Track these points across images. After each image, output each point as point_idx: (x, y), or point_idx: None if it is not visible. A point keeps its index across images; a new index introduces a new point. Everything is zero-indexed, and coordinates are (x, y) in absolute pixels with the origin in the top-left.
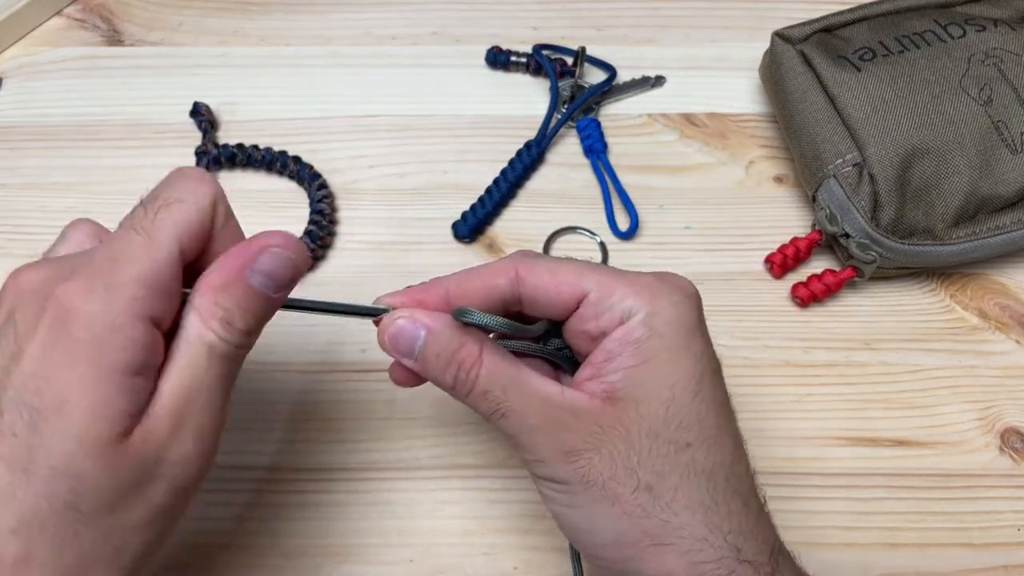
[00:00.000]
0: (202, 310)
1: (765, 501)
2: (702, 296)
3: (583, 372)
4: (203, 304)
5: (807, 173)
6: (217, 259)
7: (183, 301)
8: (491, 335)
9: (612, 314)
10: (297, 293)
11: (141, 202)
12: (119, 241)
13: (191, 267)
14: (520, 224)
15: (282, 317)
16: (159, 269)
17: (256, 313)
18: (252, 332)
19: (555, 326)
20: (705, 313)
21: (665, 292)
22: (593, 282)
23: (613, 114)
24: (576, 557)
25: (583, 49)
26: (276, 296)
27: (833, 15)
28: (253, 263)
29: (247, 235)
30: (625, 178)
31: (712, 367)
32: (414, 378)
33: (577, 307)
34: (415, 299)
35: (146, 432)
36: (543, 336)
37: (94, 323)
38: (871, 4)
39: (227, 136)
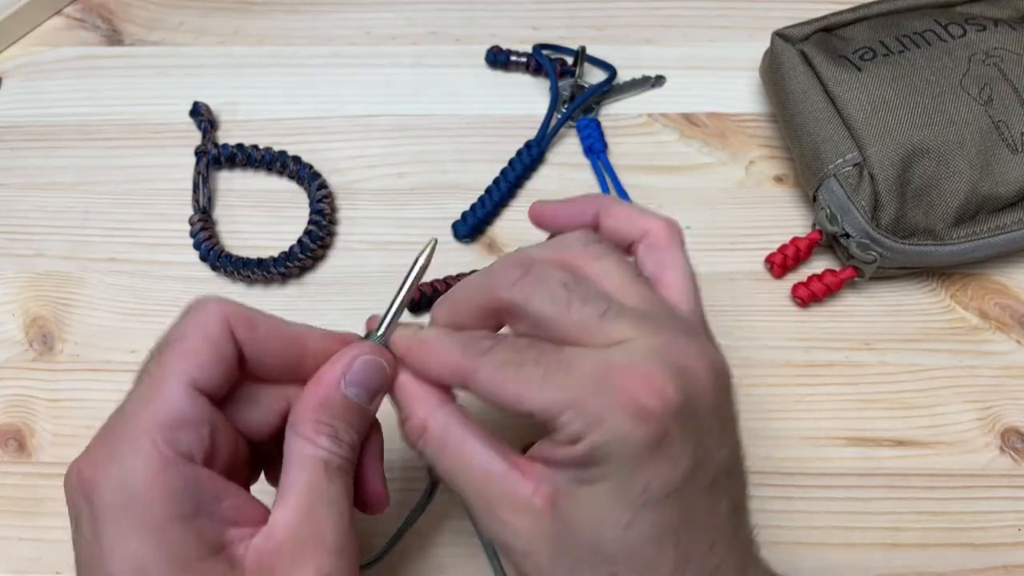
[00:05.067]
0: (306, 432)
1: (740, 565)
2: (703, 296)
3: (539, 450)
4: (306, 426)
5: (807, 173)
6: (307, 384)
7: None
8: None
9: (559, 435)
10: (297, 291)
11: (150, 350)
12: (131, 394)
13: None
14: (520, 224)
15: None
16: (171, 409)
17: (356, 425)
18: (355, 446)
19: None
20: (706, 313)
21: (613, 418)
22: (536, 405)
23: (613, 114)
24: (493, 553)
25: (583, 49)
26: (371, 407)
27: (833, 15)
28: (344, 376)
29: (247, 235)
30: (625, 178)
31: (663, 493)
32: None
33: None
34: None
35: (258, 560)
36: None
37: (122, 488)
38: (871, 4)
39: (227, 136)
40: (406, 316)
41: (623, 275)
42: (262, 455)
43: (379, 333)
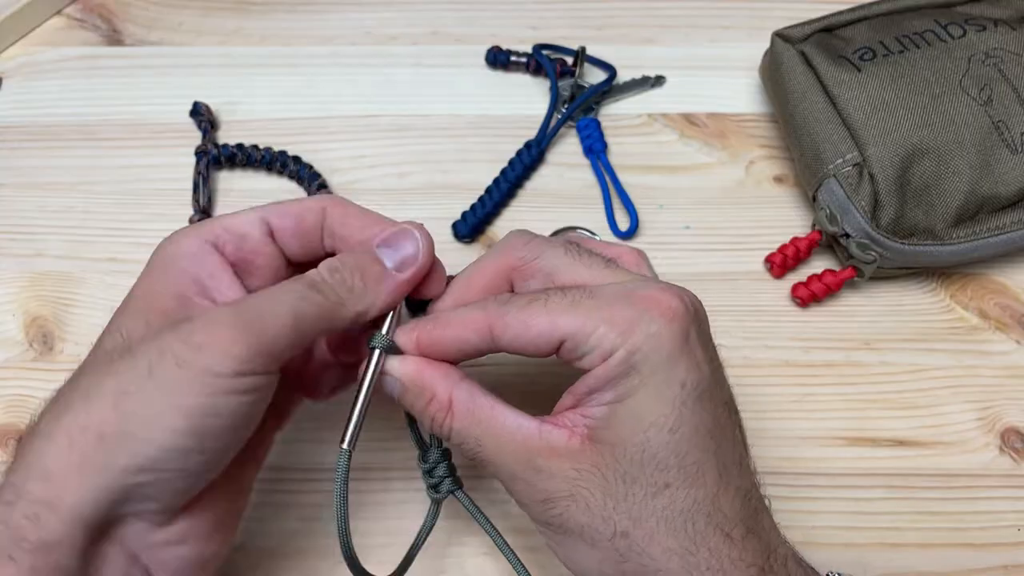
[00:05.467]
0: (321, 265)
1: (764, 510)
2: (703, 296)
3: (566, 399)
4: (325, 261)
5: (807, 173)
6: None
7: None
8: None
9: (592, 356)
10: None
11: None
12: None
13: None
14: (520, 224)
15: None
16: (236, 221)
17: (368, 278)
18: (358, 295)
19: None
20: (706, 313)
21: (644, 323)
22: (568, 328)
23: (613, 114)
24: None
25: (583, 49)
26: (401, 276)
27: (833, 15)
28: (378, 237)
29: None
30: (625, 178)
31: (697, 393)
32: None
33: (558, 349)
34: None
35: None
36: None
37: (166, 256)
38: (871, 4)
39: (227, 136)
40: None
41: (610, 248)
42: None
43: (384, 331)
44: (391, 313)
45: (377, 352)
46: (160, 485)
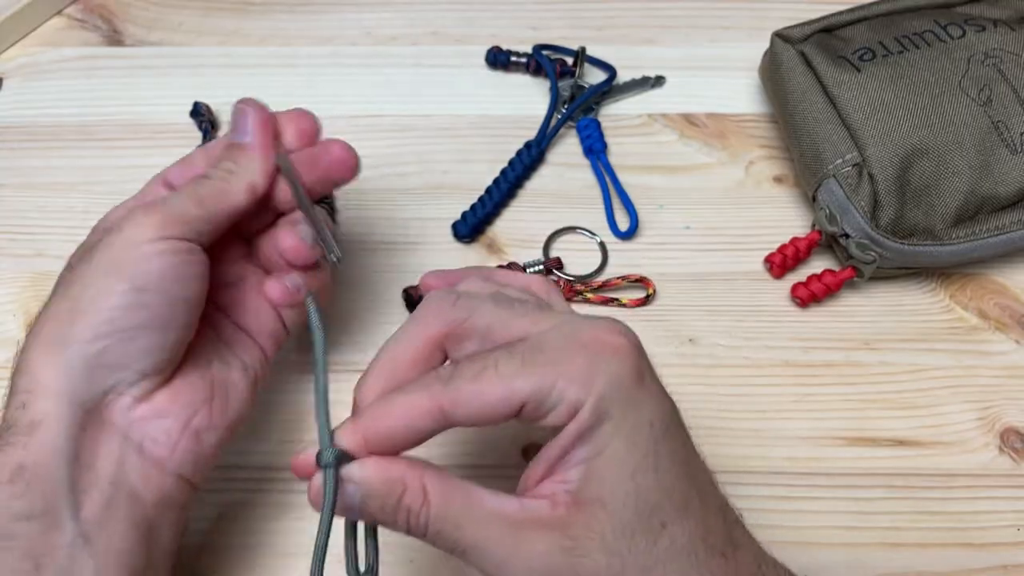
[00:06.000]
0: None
1: (738, 521)
2: (703, 296)
3: (538, 468)
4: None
5: (807, 173)
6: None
7: None
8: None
9: (558, 411)
10: None
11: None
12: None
13: None
14: (520, 224)
15: None
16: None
17: (235, 155)
18: (239, 170)
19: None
20: (706, 313)
21: (602, 369)
22: (527, 389)
23: (613, 114)
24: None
25: (583, 49)
26: (253, 140)
27: (833, 15)
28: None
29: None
30: (625, 178)
31: (665, 425)
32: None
33: (519, 413)
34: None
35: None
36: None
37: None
38: (871, 4)
39: None
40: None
41: (533, 283)
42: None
43: (324, 447)
44: (321, 416)
45: (329, 471)
46: (122, 348)
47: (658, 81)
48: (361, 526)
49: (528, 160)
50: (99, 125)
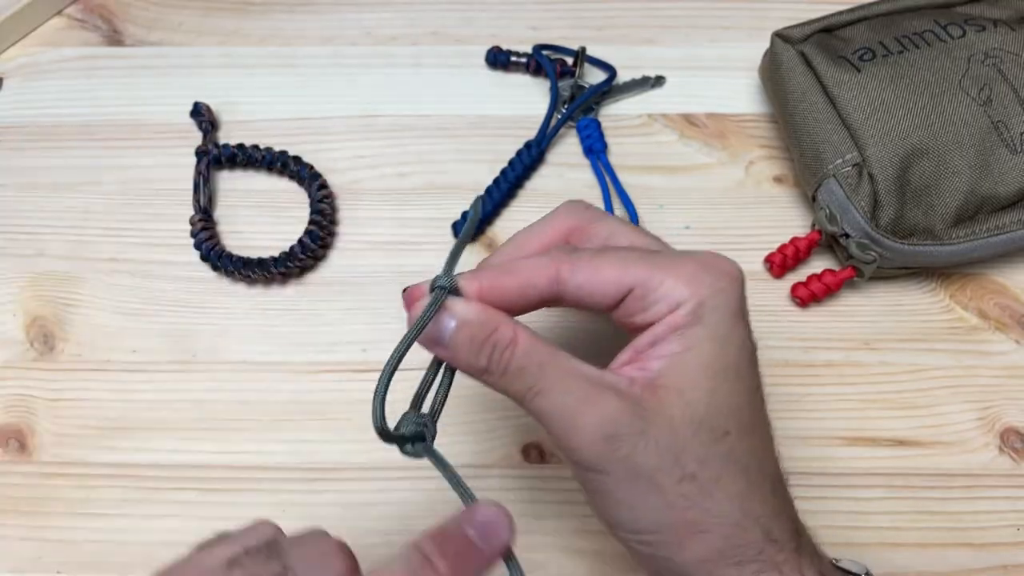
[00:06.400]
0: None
1: (787, 479)
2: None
3: (623, 355)
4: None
5: (807, 173)
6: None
7: None
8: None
9: (659, 307)
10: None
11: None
12: None
13: None
14: (520, 224)
15: (279, 315)
16: None
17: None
18: None
19: None
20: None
21: (711, 279)
22: (638, 276)
23: (613, 114)
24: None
25: (583, 49)
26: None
27: (833, 15)
28: (471, 520)
29: (248, 235)
30: (625, 178)
31: (750, 353)
32: None
33: (622, 301)
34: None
35: None
36: None
37: None
38: (871, 4)
39: (227, 136)
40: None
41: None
42: None
43: (445, 274)
44: (454, 254)
45: (438, 292)
46: None
47: (658, 81)
48: (437, 384)
49: (528, 160)
50: (99, 125)
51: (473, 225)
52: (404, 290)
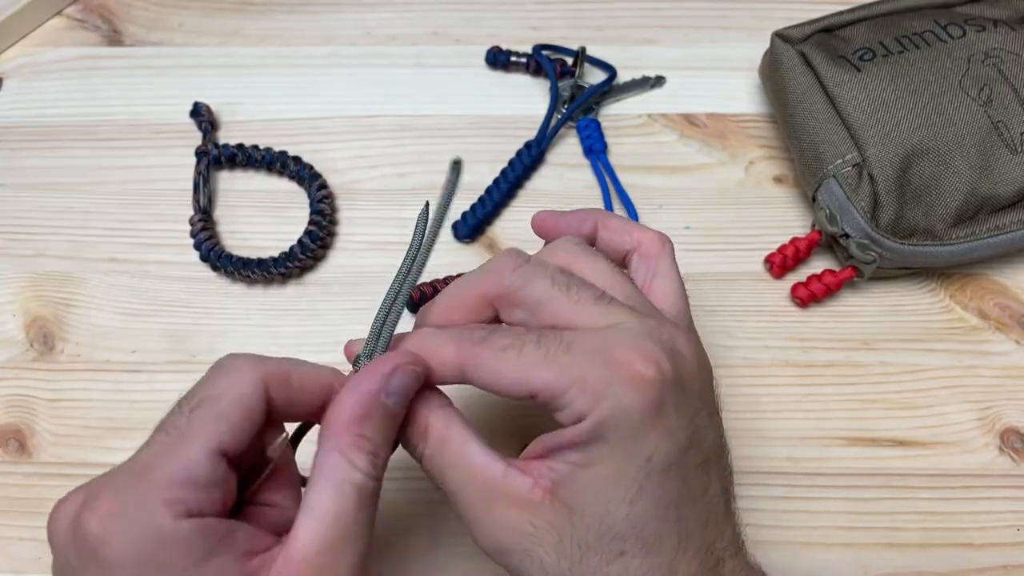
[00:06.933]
0: (342, 446)
1: (730, 557)
2: (703, 296)
3: (535, 447)
4: (344, 441)
5: (807, 173)
6: (342, 393)
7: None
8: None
9: (564, 414)
10: (297, 291)
11: (178, 402)
12: (149, 447)
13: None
14: (520, 224)
15: (278, 316)
16: (191, 470)
17: (391, 436)
18: (386, 465)
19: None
20: (705, 313)
21: (615, 392)
22: (539, 383)
23: (613, 114)
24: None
25: (583, 49)
26: (402, 413)
27: (833, 15)
28: (387, 387)
29: (248, 235)
30: (625, 178)
31: (665, 465)
32: None
33: (533, 400)
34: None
35: None
36: None
37: (135, 544)
38: (871, 4)
39: (227, 136)
40: (406, 315)
41: (611, 274)
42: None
43: (367, 350)
44: (376, 330)
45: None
46: None
47: (658, 81)
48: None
49: (528, 160)
50: (99, 125)
51: (452, 188)
52: (347, 343)
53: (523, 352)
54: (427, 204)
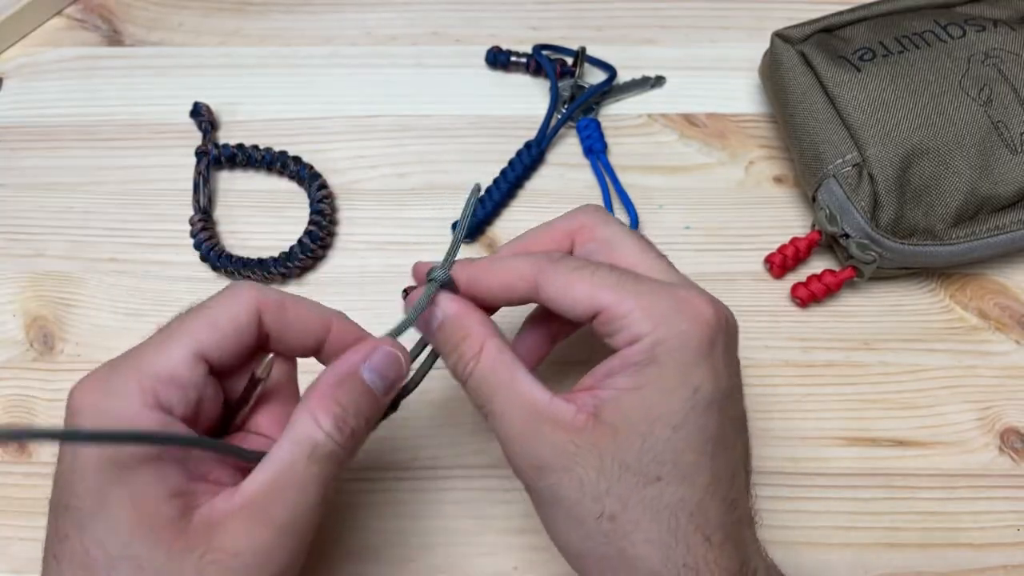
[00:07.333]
0: (316, 408)
1: (749, 523)
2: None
3: (586, 379)
4: (317, 403)
5: (807, 173)
6: (328, 366)
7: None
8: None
9: (621, 336)
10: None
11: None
12: (144, 341)
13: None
14: (520, 224)
15: None
16: (168, 365)
17: (366, 413)
18: (358, 435)
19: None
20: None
21: (678, 320)
22: (606, 301)
23: (613, 114)
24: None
25: (583, 49)
26: (383, 399)
27: (833, 15)
28: (366, 360)
29: (248, 235)
30: (625, 178)
31: (708, 400)
32: None
33: (594, 318)
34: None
35: (209, 515)
36: None
37: (98, 420)
38: (871, 4)
39: (227, 136)
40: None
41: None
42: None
43: (441, 267)
44: (452, 249)
45: (432, 284)
46: None
47: (658, 81)
48: (423, 358)
49: (528, 160)
50: (99, 125)
51: (470, 209)
52: (404, 291)
53: (596, 273)
54: (477, 186)
